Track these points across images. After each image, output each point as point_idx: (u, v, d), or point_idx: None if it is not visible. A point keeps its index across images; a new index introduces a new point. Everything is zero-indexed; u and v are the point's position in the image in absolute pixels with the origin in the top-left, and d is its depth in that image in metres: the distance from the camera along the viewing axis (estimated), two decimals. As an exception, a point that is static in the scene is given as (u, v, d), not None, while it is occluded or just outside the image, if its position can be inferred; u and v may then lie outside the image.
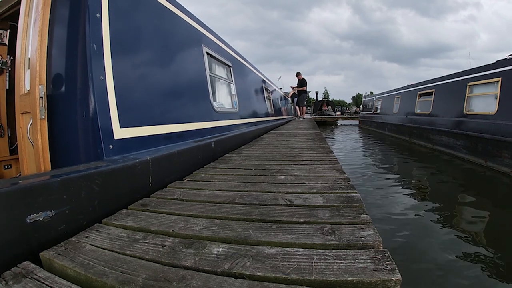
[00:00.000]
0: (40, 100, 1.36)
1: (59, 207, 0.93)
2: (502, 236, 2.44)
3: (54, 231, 0.92)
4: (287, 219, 1.00)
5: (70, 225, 0.97)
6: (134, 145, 1.55)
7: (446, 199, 3.53)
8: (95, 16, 1.41)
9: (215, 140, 2.42)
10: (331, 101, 31.13)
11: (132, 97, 1.64)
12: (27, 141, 1.55)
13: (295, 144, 3.35)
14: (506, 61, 4.89)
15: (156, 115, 1.82)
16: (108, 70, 1.43)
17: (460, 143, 5.83)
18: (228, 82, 3.85)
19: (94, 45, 1.37)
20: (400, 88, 10.86)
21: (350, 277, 0.64)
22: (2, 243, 0.79)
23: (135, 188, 1.33)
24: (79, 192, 1.01)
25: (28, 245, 0.85)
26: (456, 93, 6.32)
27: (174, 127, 2.00)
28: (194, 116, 2.40)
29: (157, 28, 2.01)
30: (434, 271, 1.87)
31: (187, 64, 2.52)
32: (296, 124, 8.21)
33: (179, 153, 1.74)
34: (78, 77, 1.38)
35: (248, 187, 1.47)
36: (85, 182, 1.04)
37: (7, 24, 2.26)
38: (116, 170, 1.20)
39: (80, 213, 1.02)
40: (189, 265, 0.73)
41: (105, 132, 1.37)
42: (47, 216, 0.89)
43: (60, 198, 0.94)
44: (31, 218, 0.85)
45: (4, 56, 2.31)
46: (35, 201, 0.87)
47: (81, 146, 1.41)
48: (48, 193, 0.91)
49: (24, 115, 1.58)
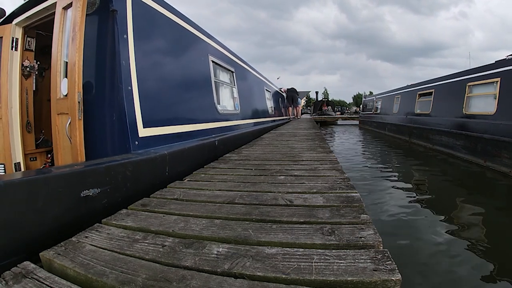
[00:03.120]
0: (78, 104, 1.66)
1: (103, 186, 1.22)
2: (502, 235, 2.44)
3: (99, 204, 1.20)
4: (287, 219, 1.00)
5: (111, 200, 1.25)
6: (153, 142, 1.86)
7: (446, 199, 3.53)
8: (123, 37, 1.73)
9: (218, 139, 2.64)
10: (331, 101, 31.11)
11: (152, 102, 1.95)
12: (62, 137, 1.83)
13: (295, 144, 3.36)
14: (505, 61, 4.89)
15: (170, 117, 2.15)
16: (134, 82, 1.77)
17: (460, 143, 5.83)
18: (230, 86, 4.16)
19: (123, 62, 1.70)
20: (400, 88, 10.86)
21: (350, 277, 0.64)
22: (65, 210, 1.06)
23: (156, 176, 1.61)
24: (117, 176, 1.30)
25: (81, 215, 1.12)
26: (455, 93, 6.32)
27: (184, 127, 2.33)
28: (201, 117, 2.73)
29: (172, 44, 2.38)
30: (434, 271, 1.87)
31: (196, 73, 2.87)
32: (296, 124, 8.21)
33: (189, 149, 2.06)
34: (110, 86, 1.71)
35: (248, 187, 1.47)
36: (121, 169, 1.34)
37: (34, 32, 2.52)
38: (142, 161, 1.52)
39: (117, 192, 1.30)
40: (189, 265, 0.73)
41: (132, 130, 1.70)
42: (95, 192, 1.18)
43: (104, 180, 1.23)
44: (84, 193, 1.13)
45: (31, 61, 2.51)
46: (87, 181, 1.15)
47: (111, 142, 1.73)
48: (96, 175, 1.20)
49: (60, 115, 1.85)
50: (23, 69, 2.44)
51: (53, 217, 1.03)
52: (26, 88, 2.49)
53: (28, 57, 2.48)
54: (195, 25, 2.78)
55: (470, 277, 1.81)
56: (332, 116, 21.53)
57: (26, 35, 2.45)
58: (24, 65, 2.44)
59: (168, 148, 1.81)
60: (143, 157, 1.53)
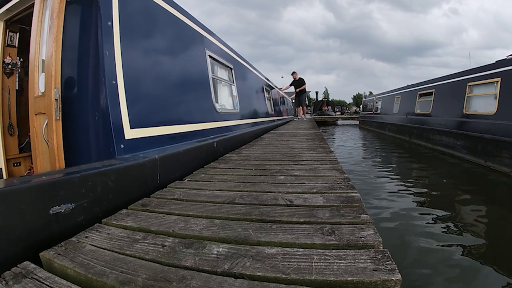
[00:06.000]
0: (55, 102, 1.46)
1: (78, 200, 1.02)
2: (501, 235, 2.44)
3: (73, 222, 1.00)
4: (287, 219, 1.00)
5: (88, 216, 1.05)
6: (143, 145, 1.63)
7: (446, 198, 3.53)
8: (107, 25, 1.49)
9: (217, 140, 2.48)
10: (331, 101, 31.13)
11: (141, 99, 1.72)
12: (41, 140, 1.63)
13: (295, 144, 3.35)
14: (506, 61, 4.89)
15: (162, 116, 1.90)
16: (119, 75, 1.53)
17: (460, 143, 5.83)
18: (229, 83, 3.92)
19: (106, 52, 1.46)
20: (400, 88, 10.86)
21: (350, 277, 0.64)
22: (28, 233, 0.86)
23: (145, 184, 1.41)
24: (95, 186, 1.10)
25: (51, 234, 0.92)
26: (456, 93, 6.32)
27: (179, 128, 2.09)
28: (197, 117, 2.49)
29: (163, 35, 2.10)
30: (434, 271, 1.87)
31: (191, 67, 2.60)
32: (296, 124, 8.21)
33: (184, 152, 1.82)
34: (92, 81, 1.48)
35: (248, 187, 1.47)
36: (101, 178, 1.12)
37: (17, 27, 2.33)
38: (128, 168, 1.29)
39: (97, 206, 1.10)
40: (189, 265, 0.73)
41: (117, 132, 1.46)
42: (68, 208, 0.97)
43: (80, 192, 1.03)
44: (53, 210, 0.93)
45: (14, 57, 2.35)
46: (57, 195, 0.95)
47: (94, 146, 1.51)
48: (69, 187, 0.99)
49: (38, 115, 1.65)
50: (4, 66, 2.28)
51: (13, 241, 0.83)
52: (8, 87, 2.32)
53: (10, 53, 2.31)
54: (190, 17, 2.57)
55: (470, 277, 1.81)
56: (332, 116, 21.55)
57: (7, 29, 2.24)
58: (6, 62, 2.28)
59: (160, 152, 1.58)
60: (129, 163, 1.31)
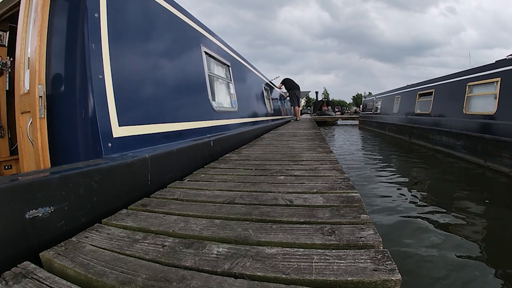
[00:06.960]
0: (40, 99, 1.38)
1: (58, 204, 0.93)
2: (501, 235, 2.44)
3: (53, 228, 0.92)
4: (287, 219, 1.00)
5: (69, 221, 0.97)
6: (133, 144, 1.55)
7: (446, 198, 3.54)
8: (93, 16, 1.41)
9: (214, 139, 2.42)
10: (331, 101, 31.13)
11: (130, 95, 1.64)
12: (27, 140, 1.57)
13: (295, 144, 3.35)
14: (506, 61, 4.89)
15: (154, 113, 1.82)
16: (107, 69, 1.45)
17: (460, 143, 5.84)
18: (227, 81, 3.85)
19: (92, 44, 1.38)
20: (400, 88, 10.86)
21: (350, 277, 0.64)
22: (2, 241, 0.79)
23: (134, 186, 1.33)
24: (77, 188, 1.01)
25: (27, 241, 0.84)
26: (455, 93, 6.33)
27: (173, 126, 2.00)
28: (193, 115, 2.41)
29: (155, 28, 2.02)
30: (434, 271, 1.87)
31: (186, 64, 2.52)
32: (296, 124, 8.21)
33: (178, 152, 1.74)
34: (77, 76, 1.39)
35: (248, 187, 1.47)
36: (84, 179, 1.04)
37: (6, 25, 2.27)
38: (114, 168, 1.20)
39: (79, 209, 1.02)
40: (189, 265, 0.73)
41: (104, 130, 1.38)
42: (46, 212, 0.89)
43: (59, 194, 0.94)
44: (30, 214, 0.85)
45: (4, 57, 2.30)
46: (34, 197, 0.86)
47: (80, 145, 1.42)
48: (47, 189, 0.90)
49: (24, 114, 1.59)
50: None
51: None
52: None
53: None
54: (185, 11, 2.49)
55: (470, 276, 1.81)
56: (332, 116, 21.54)
57: None
58: None
59: (151, 151, 1.50)
60: (116, 162, 1.22)
